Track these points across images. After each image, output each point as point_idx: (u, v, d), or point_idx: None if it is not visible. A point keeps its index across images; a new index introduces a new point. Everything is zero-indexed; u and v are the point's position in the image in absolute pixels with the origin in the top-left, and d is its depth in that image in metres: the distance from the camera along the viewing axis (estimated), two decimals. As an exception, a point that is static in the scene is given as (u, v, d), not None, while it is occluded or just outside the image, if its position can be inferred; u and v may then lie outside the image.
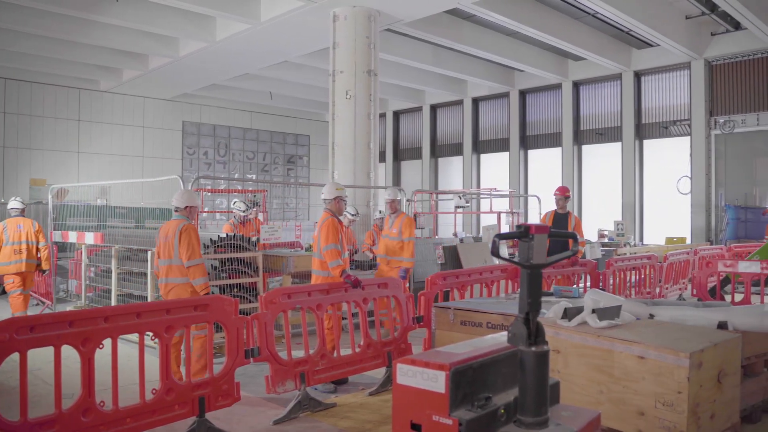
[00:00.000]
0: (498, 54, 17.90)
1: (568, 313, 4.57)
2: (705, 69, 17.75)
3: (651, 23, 15.07)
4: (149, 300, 7.90)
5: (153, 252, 8.14)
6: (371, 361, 6.00)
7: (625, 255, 11.39)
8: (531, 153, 22.35)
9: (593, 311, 4.48)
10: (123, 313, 4.33)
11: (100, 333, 4.13)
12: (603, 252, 12.26)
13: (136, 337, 4.48)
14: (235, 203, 10.29)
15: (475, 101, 23.67)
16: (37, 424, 3.80)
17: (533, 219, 16.40)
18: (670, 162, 18.75)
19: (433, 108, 25.16)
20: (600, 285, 8.90)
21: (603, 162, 20.33)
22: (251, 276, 7.97)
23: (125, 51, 17.33)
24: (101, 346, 4.14)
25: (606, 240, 16.11)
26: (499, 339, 3.28)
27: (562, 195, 9.42)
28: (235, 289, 7.84)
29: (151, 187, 18.40)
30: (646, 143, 19.45)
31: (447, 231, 18.98)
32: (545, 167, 21.60)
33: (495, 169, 23.11)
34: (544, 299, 4.64)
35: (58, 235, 10.70)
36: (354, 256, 9.96)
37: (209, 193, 20.81)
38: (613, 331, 4.34)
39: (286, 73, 19.50)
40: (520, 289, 3.03)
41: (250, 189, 16.39)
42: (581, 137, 20.86)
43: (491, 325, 5.46)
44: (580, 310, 4.57)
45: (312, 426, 5.10)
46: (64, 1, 12.99)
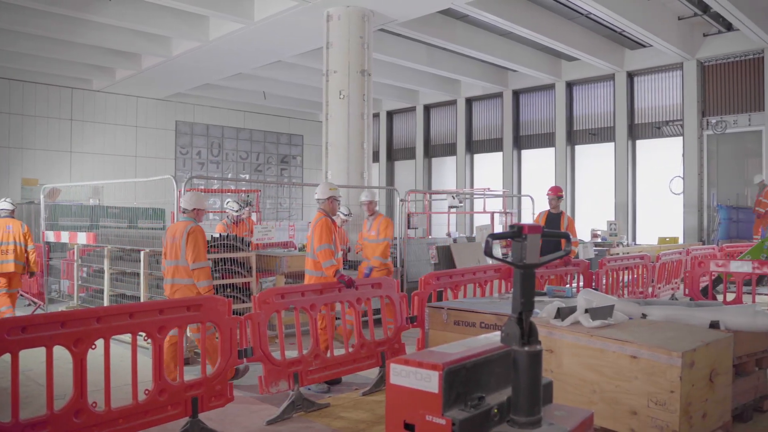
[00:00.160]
0: (491, 54, 17.93)
1: (561, 313, 4.58)
2: (697, 70, 17.82)
3: (644, 24, 15.12)
4: (142, 300, 7.88)
5: (145, 252, 8.15)
6: (365, 361, 6.01)
7: (618, 255, 11.42)
8: (524, 153, 22.39)
9: (586, 311, 4.49)
10: (115, 314, 4.32)
11: (92, 333, 4.12)
12: (596, 252, 12.31)
13: (128, 338, 4.46)
14: (228, 203, 10.27)
15: (469, 101, 23.69)
16: (29, 425, 3.78)
17: (526, 219, 16.42)
18: (662, 162, 18.82)
19: (427, 108, 25.16)
20: (593, 285, 8.93)
21: (596, 162, 20.39)
22: (244, 276, 7.95)
23: (118, 50, 17.26)
24: (94, 346, 4.13)
25: (599, 240, 16.18)
26: (493, 339, 3.28)
27: (554, 195, 9.45)
28: (229, 290, 7.82)
29: (144, 187, 18.31)
30: (638, 143, 19.52)
31: (440, 231, 18.99)
32: (538, 167, 21.63)
33: (488, 169, 23.14)
34: (537, 299, 4.65)
35: (50, 235, 10.65)
36: (347, 255, 9.96)
37: (202, 194, 20.72)
38: (606, 331, 4.35)
39: (279, 73, 19.47)
40: (513, 289, 3.04)
41: (243, 189, 16.37)
42: (574, 137, 20.91)
43: (484, 325, 5.47)
44: (573, 309, 4.58)
45: (305, 426, 5.09)
46: (56, 1, 12.91)
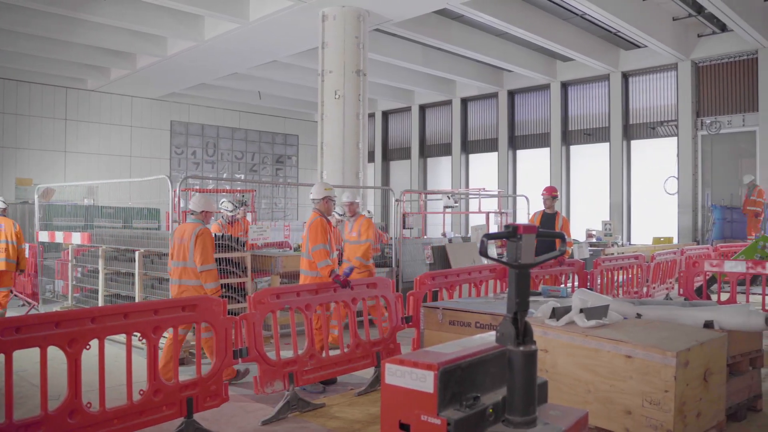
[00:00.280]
0: (487, 54, 17.95)
1: (556, 313, 4.59)
2: (692, 70, 17.88)
3: (638, 24, 15.17)
4: (137, 300, 7.86)
5: (140, 252, 8.13)
6: (360, 361, 6.00)
7: (613, 255, 11.45)
8: (519, 153, 22.42)
9: (581, 311, 4.50)
10: (110, 314, 4.30)
11: (86, 334, 4.11)
12: (591, 252, 12.33)
13: (123, 338, 4.45)
14: (223, 203, 10.26)
15: (464, 101, 23.72)
16: (23, 425, 3.77)
17: (522, 219, 16.45)
18: (657, 162, 18.88)
19: (422, 108, 25.17)
20: (588, 285, 8.94)
21: (591, 162, 20.43)
22: (239, 276, 7.94)
23: (113, 50, 17.23)
24: (88, 346, 4.12)
25: (594, 240, 16.20)
26: (488, 339, 3.29)
27: (549, 195, 9.47)
28: (224, 290, 7.80)
29: (139, 187, 18.34)
30: (633, 144, 19.57)
31: (436, 231, 19.01)
32: (534, 167, 21.67)
33: (484, 169, 23.16)
34: (532, 299, 4.65)
35: (44, 236, 10.61)
36: (342, 255, 9.94)
37: (197, 193, 20.69)
38: (601, 331, 4.36)
39: (274, 73, 19.45)
40: (508, 289, 3.04)
41: (238, 189, 16.36)
42: (569, 138, 20.95)
43: (480, 325, 5.47)
44: (568, 309, 4.59)
45: (301, 426, 5.09)
46: (51, 0, 12.89)
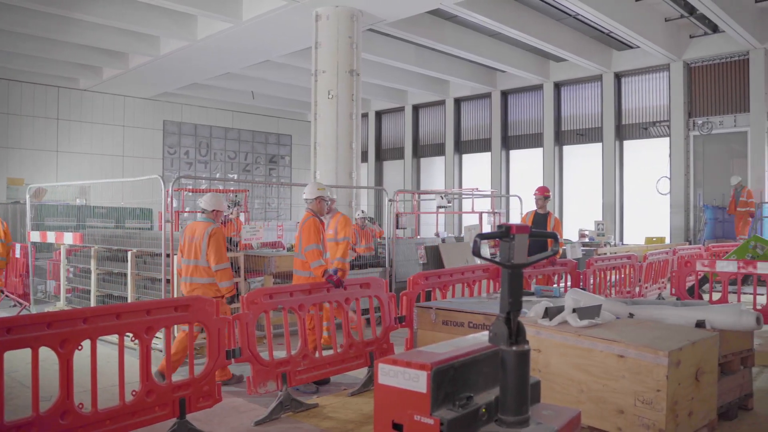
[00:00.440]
0: (480, 55, 17.98)
1: (549, 313, 4.60)
2: (684, 71, 17.96)
3: (631, 25, 15.22)
4: (129, 301, 7.83)
5: (133, 252, 8.11)
6: (353, 362, 6.00)
7: (606, 255, 11.48)
8: (512, 153, 22.47)
9: (574, 311, 4.51)
10: (102, 314, 4.29)
11: (78, 334, 4.09)
12: (583, 252, 12.35)
13: (116, 339, 4.43)
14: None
15: (457, 101, 23.74)
16: (14, 427, 3.75)
17: (515, 219, 16.48)
18: (649, 162, 18.95)
19: (416, 108, 25.19)
20: (580, 284, 8.96)
21: (584, 162, 20.49)
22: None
23: (105, 49, 17.15)
24: (80, 347, 4.10)
25: (586, 240, 16.24)
26: (481, 338, 3.29)
27: (541, 195, 9.48)
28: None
29: (132, 187, 18.26)
30: (626, 144, 19.64)
31: (429, 231, 19.03)
32: (527, 167, 21.72)
33: (477, 170, 23.20)
34: (525, 299, 4.66)
35: (36, 236, 10.55)
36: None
37: (190, 193, 20.65)
38: (594, 331, 4.37)
39: (268, 73, 19.42)
40: (501, 289, 3.05)
41: (231, 189, 16.31)
42: (562, 138, 21.00)
43: (473, 325, 5.48)
44: (560, 309, 4.60)
45: (294, 427, 5.08)
46: (43, -1, 12.84)
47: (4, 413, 3.74)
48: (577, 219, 19.77)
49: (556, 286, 8.36)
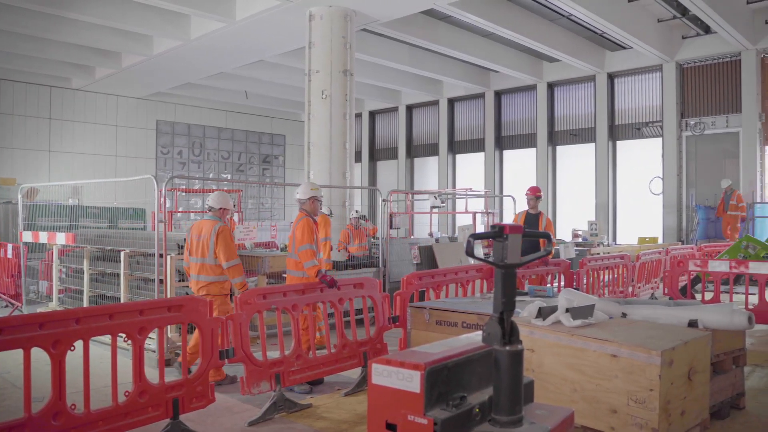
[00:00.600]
0: (473, 55, 18.00)
1: (542, 313, 4.61)
2: (676, 71, 18.03)
3: (624, 26, 15.27)
4: (122, 301, 7.80)
5: (126, 252, 8.08)
6: (347, 362, 6.00)
7: (599, 255, 11.51)
8: (506, 153, 22.51)
9: (567, 310, 4.52)
10: (95, 315, 4.27)
11: (71, 335, 4.07)
12: (577, 252, 12.39)
13: (108, 339, 4.42)
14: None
15: (451, 102, 23.77)
16: (6, 428, 3.73)
17: (508, 219, 16.50)
18: (642, 163, 19.02)
19: (409, 108, 25.20)
20: (574, 284, 8.98)
21: (577, 162, 20.54)
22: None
23: (98, 48, 17.08)
24: (73, 348, 4.08)
25: (580, 240, 16.29)
26: (474, 338, 3.29)
27: (533, 195, 9.49)
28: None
29: (125, 187, 18.20)
30: (619, 144, 19.70)
31: (423, 231, 19.04)
32: (520, 168, 21.76)
33: (470, 170, 23.23)
34: (518, 299, 4.67)
35: (28, 236, 10.50)
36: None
37: (183, 193, 20.62)
38: (587, 330, 4.38)
39: (261, 73, 19.39)
40: (494, 289, 3.05)
41: (225, 189, 16.27)
42: (556, 138, 21.06)
43: (466, 325, 5.49)
44: (554, 309, 4.61)
45: (287, 427, 5.08)
46: (34, -2, 12.77)
47: (-5, 414, 3.72)
48: (571, 219, 19.83)
49: (549, 286, 8.38)
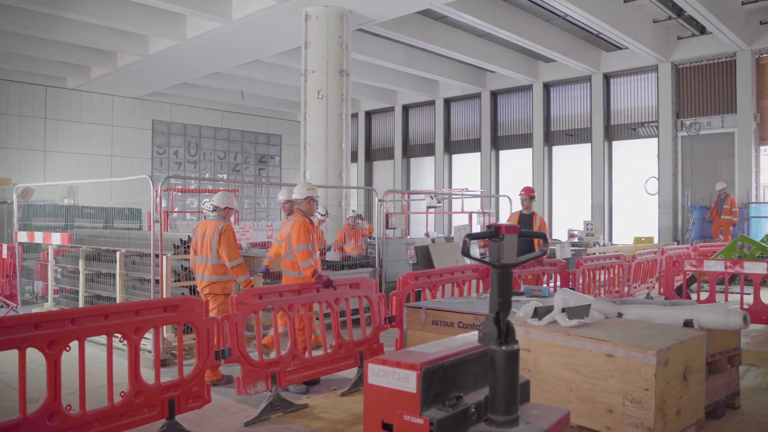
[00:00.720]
0: (470, 55, 18.02)
1: (538, 313, 4.61)
2: (672, 72, 18.08)
3: (620, 26, 15.31)
4: (118, 301, 7.79)
5: (121, 253, 8.06)
6: (343, 362, 5.99)
7: (595, 255, 11.52)
8: (502, 153, 22.53)
9: (563, 310, 4.52)
10: (90, 315, 4.26)
11: (66, 335, 4.06)
12: (573, 252, 12.40)
13: (104, 339, 4.41)
14: (205, 203, 10.18)
15: (447, 102, 23.78)
16: (1, 429, 3.72)
17: (504, 219, 16.52)
18: (638, 163, 19.06)
19: (405, 108, 25.20)
20: (570, 284, 9.00)
21: (573, 163, 20.58)
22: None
23: (93, 48, 17.04)
24: (68, 348, 4.07)
25: (576, 240, 16.30)
26: (470, 338, 3.29)
27: (527, 195, 9.49)
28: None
29: (120, 187, 18.12)
30: (614, 144, 19.74)
31: (419, 231, 19.03)
32: (516, 168, 21.79)
33: (466, 170, 23.24)
34: (514, 299, 4.67)
35: (23, 236, 10.45)
36: (325, 255, 9.95)
37: (179, 193, 20.56)
38: (583, 330, 4.39)
39: (257, 73, 19.37)
40: (490, 289, 3.05)
41: (221, 189, 16.24)
42: (551, 138, 21.09)
43: (462, 325, 5.49)
44: (550, 309, 4.61)
45: (283, 427, 5.07)
46: (30, -3, 12.73)
47: (-10, 415, 3.71)
48: (567, 219, 19.87)
49: (545, 285, 8.39)
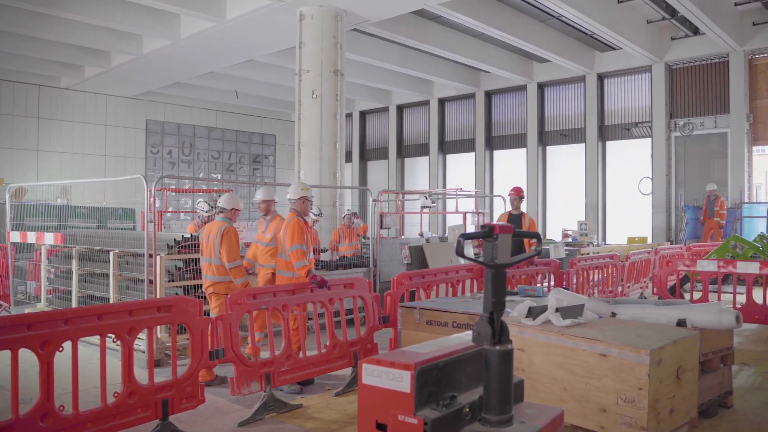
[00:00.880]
0: (464, 55, 18.03)
1: (532, 312, 4.62)
2: (665, 72, 18.14)
3: (613, 27, 15.34)
4: (111, 301, 7.76)
5: (115, 253, 8.05)
6: (337, 362, 5.99)
7: (588, 254, 11.55)
8: (496, 153, 22.55)
9: (557, 310, 4.53)
10: (84, 315, 4.24)
11: (59, 336, 4.04)
12: (567, 251, 12.44)
13: (97, 340, 4.39)
14: (199, 203, 10.18)
15: (442, 102, 23.79)
16: (-6, 429, 3.71)
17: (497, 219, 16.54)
18: (631, 163, 19.11)
19: (400, 108, 25.20)
20: (564, 284, 9.01)
21: (567, 163, 20.61)
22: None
23: (87, 47, 16.98)
24: (61, 349, 4.05)
25: (569, 239, 16.35)
26: (464, 338, 3.30)
27: (516, 195, 9.51)
28: (200, 290, 7.74)
29: (114, 187, 18.06)
30: (608, 144, 19.79)
31: (413, 231, 19.04)
32: (511, 168, 21.82)
33: (461, 170, 23.26)
34: (508, 298, 4.68)
35: (16, 236, 10.41)
36: (320, 255, 9.94)
37: (173, 193, 20.51)
38: (577, 330, 4.40)
39: (252, 72, 19.34)
40: (484, 289, 3.06)
41: (215, 189, 16.22)
42: (546, 138, 21.12)
43: (457, 325, 5.49)
44: (544, 309, 4.62)
45: (277, 427, 5.07)
46: (23, -4, 12.67)
47: (-17, 416, 3.69)
48: (561, 219, 19.91)
49: (539, 285, 8.41)
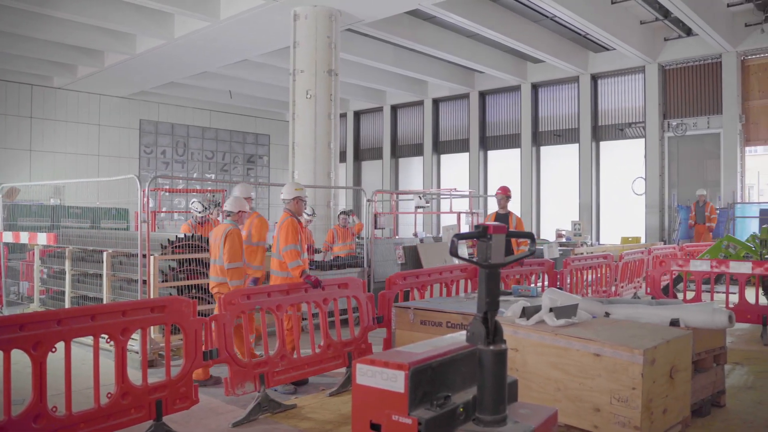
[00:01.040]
0: (458, 55, 18.05)
1: (526, 312, 4.63)
2: (659, 73, 18.20)
3: (607, 27, 15.39)
4: (105, 302, 7.74)
5: (108, 253, 8.03)
6: (331, 362, 5.99)
7: (582, 254, 11.57)
8: (490, 154, 22.59)
9: (551, 310, 4.55)
10: (77, 316, 4.23)
11: (52, 336, 4.02)
12: (560, 251, 12.45)
13: (90, 340, 4.37)
14: (193, 203, 10.17)
15: (436, 102, 23.81)
16: (-14, 430, 3.69)
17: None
18: (625, 163, 19.17)
19: (394, 108, 25.21)
20: (557, 284, 9.03)
21: (560, 163, 20.66)
22: (209, 277, 7.86)
23: (80, 47, 16.92)
24: (54, 349, 4.03)
25: (563, 240, 16.37)
26: (458, 338, 3.30)
27: (503, 194, 9.52)
28: (194, 290, 7.73)
29: (107, 187, 17.99)
30: (602, 145, 19.84)
31: (407, 231, 19.05)
32: (504, 168, 21.84)
33: (455, 170, 23.28)
34: (502, 298, 4.68)
35: (8, 236, 10.35)
36: (314, 255, 9.93)
37: (167, 193, 20.48)
38: (570, 330, 4.41)
39: (246, 72, 19.30)
40: (478, 289, 3.06)
41: (209, 189, 16.19)
42: (539, 138, 21.16)
43: (451, 325, 5.50)
44: (538, 309, 4.63)
45: (272, 428, 5.06)
46: (15, -5, 12.62)
47: (-25, 417, 3.67)
48: (554, 219, 19.94)
49: (533, 285, 8.42)
